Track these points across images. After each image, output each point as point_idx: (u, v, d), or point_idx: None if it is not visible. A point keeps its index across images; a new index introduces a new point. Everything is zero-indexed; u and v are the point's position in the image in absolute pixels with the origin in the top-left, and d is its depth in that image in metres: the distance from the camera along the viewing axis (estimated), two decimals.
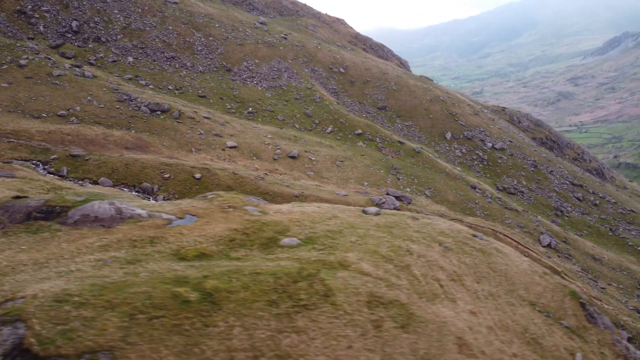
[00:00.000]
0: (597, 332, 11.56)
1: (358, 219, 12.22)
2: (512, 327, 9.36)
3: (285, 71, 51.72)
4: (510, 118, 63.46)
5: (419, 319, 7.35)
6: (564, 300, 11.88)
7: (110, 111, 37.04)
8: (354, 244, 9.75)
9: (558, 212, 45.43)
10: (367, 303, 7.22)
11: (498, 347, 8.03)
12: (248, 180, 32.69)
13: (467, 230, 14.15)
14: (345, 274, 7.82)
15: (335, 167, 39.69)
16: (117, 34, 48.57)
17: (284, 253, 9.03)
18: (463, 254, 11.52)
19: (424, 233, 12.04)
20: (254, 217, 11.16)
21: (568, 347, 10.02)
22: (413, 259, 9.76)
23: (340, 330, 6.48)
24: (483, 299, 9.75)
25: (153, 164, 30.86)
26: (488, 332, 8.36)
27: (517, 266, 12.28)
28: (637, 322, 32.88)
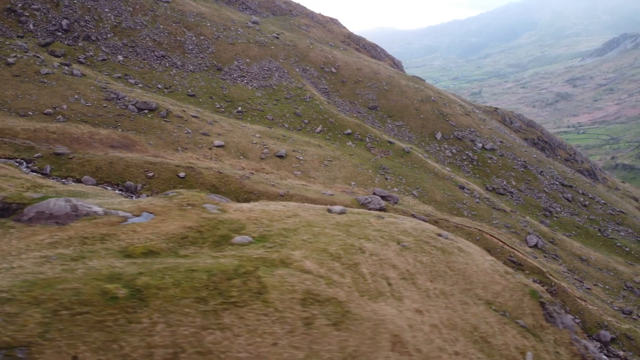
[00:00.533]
0: (554, 331, 11.57)
1: (319, 217, 12.23)
2: (461, 325, 9.37)
3: (276, 70, 51.73)
4: (502, 118, 63.49)
5: (354, 316, 7.36)
6: (522, 299, 11.90)
7: (97, 110, 37.02)
8: (305, 242, 9.76)
9: (547, 212, 45.46)
10: (302, 301, 7.23)
11: (439, 345, 8.03)
12: (233, 180, 32.71)
13: (433, 229, 14.16)
14: (285, 271, 7.82)
15: (323, 166, 39.70)
16: (107, 32, 48.55)
17: (232, 251, 9.04)
18: (421, 252, 11.53)
19: (384, 232, 12.05)
20: (211, 215, 11.16)
21: (519, 345, 10.03)
22: (364, 258, 9.76)
23: (267, 327, 6.49)
24: (434, 297, 9.76)
25: (137, 163, 30.85)
26: (431, 330, 8.37)
27: (477, 265, 12.29)
28: (621, 322, 32.92)
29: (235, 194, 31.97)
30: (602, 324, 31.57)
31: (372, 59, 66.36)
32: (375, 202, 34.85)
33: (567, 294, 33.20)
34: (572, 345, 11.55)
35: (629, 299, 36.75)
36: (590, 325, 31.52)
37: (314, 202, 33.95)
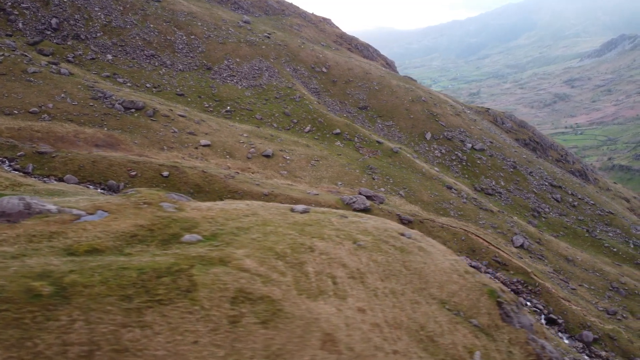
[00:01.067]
0: (510, 330, 11.58)
1: (278, 216, 12.23)
2: (407, 324, 9.38)
3: (266, 70, 51.72)
4: (494, 119, 63.54)
5: (286, 315, 7.36)
6: (479, 299, 11.90)
7: (83, 108, 37.01)
8: (253, 240, 9.76)
9: (535, 213, 45.50)
10: (232, 299, 7.23)
11: (376, 344, 8.04)
12: (217, 179, 32.72)
13: (397, 229, 14.16)
14: (221, 270, 7.83)
15: (309, 166, 39.71)
16: (97, 31, 48.53)
17: (177, 249, 9.04)
18: (377, 251, 11.53)
19: (343, 231, 12.05)
20: (166, 214, 11.16)
21: (469, 345, 10.04)
22: (312, 256, 9.77)
23: (190, 325, 6.49)
24: (382, 296, 9.77)
25: (120, 162, 30.85)
26: (371, 329, 8.37)
27: (436, 265, 12.30)
28: (605, 323, 32.96)
29: (219, 193, 31.99)
30: (585, 325, 31.62)
31: (364, 59, 66.36)
32: (360, 202, 34.87)
33: (550, 294, 33.24)
34: (527, 344, 11.56)
35: (614, 299, 36.79)
36: (573, 325, 31.58)
37: (299, 201, 33.96)
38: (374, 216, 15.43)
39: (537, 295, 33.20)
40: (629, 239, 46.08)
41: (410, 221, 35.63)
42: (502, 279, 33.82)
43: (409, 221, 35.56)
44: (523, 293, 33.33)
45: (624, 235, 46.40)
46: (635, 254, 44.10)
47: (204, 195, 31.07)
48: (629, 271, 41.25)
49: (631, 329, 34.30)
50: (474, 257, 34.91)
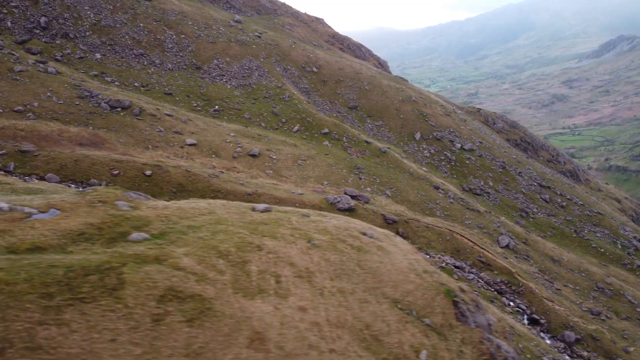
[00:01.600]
0: (464, 330, 11.56)
1: (235, 215, 12.21)
2: (351, 323, 9.37)
3: (256, 70, 51.71)
4: (485, 119, 63.57)
5: (215, 313, 7.35)
6: (435, 298, 11.89)
7: (69, 107, 36.97)
8: (199, 239, 9.75)
9: (523, 213, 45.52)
10: (160, 297, 7.22)
11: (311, 342, 8.03)
12: (201, 178, 32.72)
13: (359, 228, 14.15)
14: (154, 268, 7.82)
15: (296, 165, 39.70)
16: (86, 30, 48.49)
17: (119, 247, 9.02)
18: (332, 251, 11.52)
19: (299, 230, 12.04)
20: (120, 212, 11.14)
21: (416, 344, 10.03)
22: (258, 255, 9.76)
23: (110, 323, 6.48)
24: (328, 295, 9.76)
25: (103, 161, 30.84)
26: (309, 328, 8.37)
27: (393, 264, 12.29)
28: (588, 323, 32.98)
29: (202, 193, 31.97)
30: (568, 325, 31.64)
31: (356, 58, 66.37)
32: (345, 202, 34.88)
33: (534, 294, 33.25)
34: (481, 344, 11.54)
35: (599, 299, 36.82)
36: (555, 325, 31.60)
37: (282, 201, 33.97)
38: (339, 215, 15.44)
39: (520, 296, 33.21)
40: (617, 239, 46.11)
41: (395, 221, 35.63)
42: (486, 279, 33.86)
43: (394, 221, 35.57)
44: (506, 293, 33.35)
45: (612, 236, 46.43)
46: (622, 254, 44.14)
47: (186, 195, 31.04)
48: (615, 272, 41.29)
49: (615, 330, 34.33)
50: (458, 257, 34.93)
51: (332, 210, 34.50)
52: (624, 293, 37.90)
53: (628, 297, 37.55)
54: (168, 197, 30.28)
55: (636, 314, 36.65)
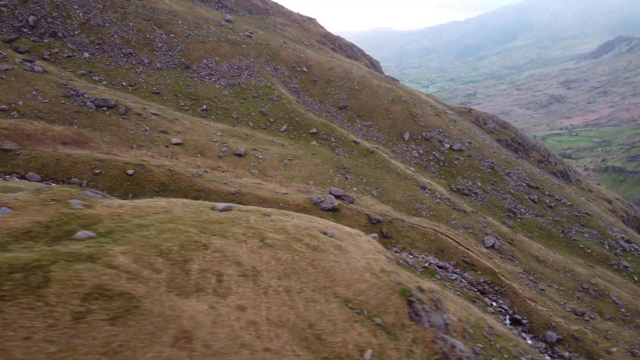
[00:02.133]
0: (417, 329, 11.56)
1: (191, 214, 12.21)
2: (293, 322, 9.37)
3: (245, 69, 51.69)
4: (476, 119, 63.58)
5: (142, 312, 7.34)
6: (389, 297, 11.89)
7: (54, 106, 36.93)
8: (144, 238, 9.74)
9: (511, 213, 45.53)
10: (86, 295, 7.21)
11: (245, 341, 8.02)
12: (184, 178, 32.69)
13: (321, 227, 14.13)
14: (85, 266, 7.81)
15: (282, 165, 39.69)
16: (74, 29, 48.45)
17: (61, 246, 9.02)
18: (285, 250, 11.51)
19: (255, 229, 12.03)
20: (71, 211, 11.13)
21: (361, 343, 10.02)
22: (203, 254, 9.75)
23: (27, 321, 6.47)
24: (273, 294, 9.75)
25: (85, 160, 30.81)
26: (244, 327, 8.36)
27: (349, 264, 12.28)
28: (571, 324, 33.00)
29: (184, 192, 31.95)
30: (550, 325, 31.65)
31: (347, 58, 66.35)
32: (328, 202, 34.88)
33: (517, 294, 33.26)
34: (434, 343, 11.54)
35: (583, 300, 36.84)
36: (538, 326, 31.62)
37: (266, 200, 33.97)
38: (304, 215, 15.43)
39: (503, 296, 33.23)
40: (605, 240, 46.14)
41: (380, 221, 35.64)
42: (469, 279, 33.87)
43: (378, 221, 35.57)
44: (489, 293, 33.37)
45: (600, 237, 46.46)
46: (609, 255, 44.17)
47: (169, 194, 31.01)
48: (601, 272, 41.32)
49: (598, 330, 34.37)
50: (442, 257, 34.93)
51: (315, 209, 34.50)
52: (608, 294, 37.93)
53: (613, 297, 37.59)
54: (150, 197, 30.25)
55: (620, 314, 36.69)
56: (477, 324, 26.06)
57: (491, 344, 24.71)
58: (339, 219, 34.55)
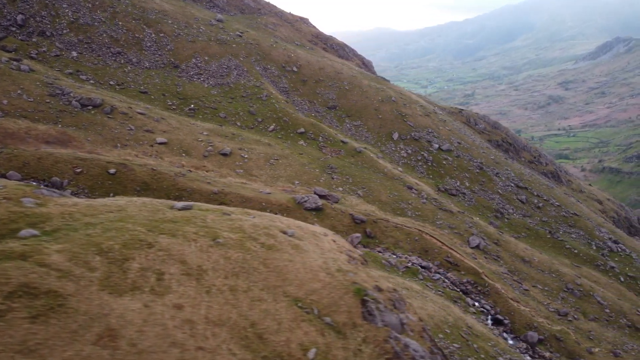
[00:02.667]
0: (369, 329, 11.53)
1: (146, 213, 12.19)
2: (235, 321, 9.35)
3: (235, 69, 51.67)
4: (467, 120, 63.58)
5: (66, 310, 7.33)
6: (343, 297, 11.86)
7: (39, 105, 36.88)
8: (87, 236, 9.73)
9: (498, 214, 45.54)
10: (9, 293, 7.19)
11: (177, 340, 8.01)
12: (166, 177, 32.66)
13: (282, 226, 14.10)
14: (14, 264, 7.80)
15: (268, 165, 39.67)
16: (63, 28, 48.40)
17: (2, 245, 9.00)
18: (237, 249, 11.49)
19: (208, 229, 12.01)
20: (21, 209, 11.11)
21: (306, 342, 10.00)
22: (146, 253, 9.73)
23: None
24: (216, 293, 9.73)
25: (67, 159, 30.78)
26: (179, 325, 8.35)
27: (303, 263, 12.26)
28: (553, 324, 33.02)
29: (166, 191, 31.93)
30: (532, 325, 31.66)
31: (338, 58, 66.34)
32: (312, 201, 34.88)
33: (499, 294, 33.27)
34: (386, 343, 11.51)
35: (567, 300, 36.86)
36: (519, 326, 31.64)
37: (249, 200, 33.96)
38: (267, 214, 15.40)
39: (486, 296, 33.24)
40: (592, 240, 46.16)
41: (364, 221, 35.63)
42: (452, 279, 33.88)
43: (362, 221, 35.56)
44: (472, 293, 33.38)
45: (587, 237, 46.48)
46: (596, 255, 44.20)
47: (150, 193, 31.00)
48: (587, 272, 41.34)
49: (581, 330, 34.40)
50: (426, 257, 34.94)
51: (299, 209, 34.49)
52: (593, 294, 37.95)
53: (597, 298, 37.61)
54: (132, 196, 30.21)
55: (604, 314, 36.72)
56: (455, 324, 26.09)
57: (468, 343, 24.74)
58: (322, 219, 34.56)
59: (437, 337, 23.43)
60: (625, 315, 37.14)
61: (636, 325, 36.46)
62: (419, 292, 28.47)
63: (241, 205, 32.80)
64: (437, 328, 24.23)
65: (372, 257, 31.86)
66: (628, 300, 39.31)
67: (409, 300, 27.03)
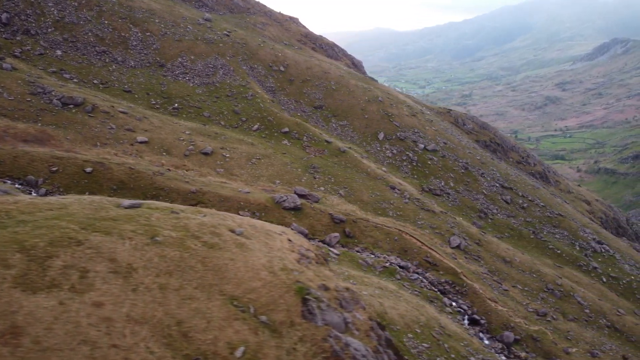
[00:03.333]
0: (307, 328, 11.51)
1: (87, 211, 12.14)
2: (159, 319, 9.32)
3: (221, 68, 51.63)
4: (455, 120, 63.56)
5: None
6: (283, 296, 11.84)
7: (19, 104, 36.82)
8: (13, 233, 9.70)
9: (482, 214, 45.55)
10: None
11: (89, 338, 7.98)
12: (144, 176, 32.61)
13: (233, 225, 14.06)
14: None
15: (249, 164, 39.65)
16: (48, 27, 48.33)
17: None
18: (176, 247, 11.46)
19: (149, 227, 11.97)
20: None
21: (235, 341, 9.98)
22: (72, 250, 9.71)
23: None
24: (143, 291, 9.71)
25: (43, 157, 30.73)
26: (95, 323, 8.32)
27: (246, 262, 12.23)
28: (531, 324, 33.02)
29: (144, 190, 31.89)
30: (508, 325, 31.66)
31: (327, 58, 66.30)
32: (291, 201, 34.86)
33: (477, 294, 33.26)
34: (324, 342, 11.50)
35: (547, 300, 36.86)
36: (496, 326, 31.62)
37: (227, 199, 33.93)
38: (223, 213, 15.35)
39: (463, 296, 33.22)
40: (576, 240, 46.19)
41: (343, 220, 35.62)
42: (430, 279, 33.87)
43: (341, 220, 35.55)
44: (450, 293, 33.37)
45: (571, 237, 46.50)
46: (579, 255, 44.22)
47: (127, 192, 30.97)
48: (569, 273, 41.36)
49: (559, 330, 34.39)
50: (405, 256, 34.94)
51: (277, 209, 34.48)
52: (574, 294, 37.97)
53: (578, 298, 37.63)
54: (107, 195, 30.19)
55: (584, 315, 36.74)
56: (427, 323, 26.05)
57: (439, 343, 24.72)
58: (300, 218, 34.55)
59: (405, 336, 23.42)
60: (606, 315, 37.17)
61: (616, 326, 36.49)
62: (394, 292, 28.43)
63: (219, 205, 32.79)
64: (407, 328, 24.19)
65: (349, 257, 31.87)
66: (609, 301, 39.34)
67: (381, 300, 27.04)
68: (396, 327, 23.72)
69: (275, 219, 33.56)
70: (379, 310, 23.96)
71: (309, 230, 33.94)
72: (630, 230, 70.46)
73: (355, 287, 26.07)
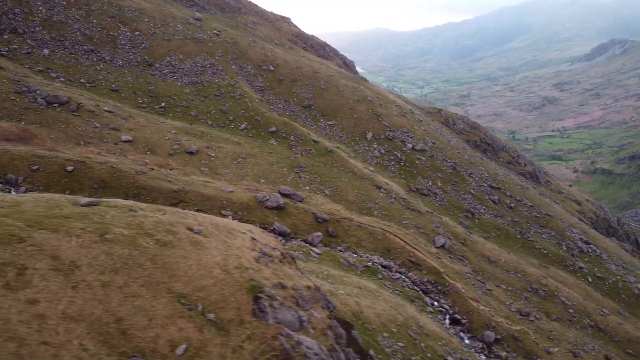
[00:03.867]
0: (257, 326, 11.49)
1: (40, 208, 12.10)
2: (97, 317, 9.31)
3: (209, 67, 51.61)
4: (445, 120, 63.58)
5: None
6: (234, 294, 11.83)
7: (3, 102, 36.76)
8: None
9: (469, 214, 45.55)
10: None
11: (17, 335, 7.97)
12: (126, 175, 32.56)
13: (192, 223, 14.03)
14: None
15: (235, 163, 39.62)
16: (36, 25, 48.30)
17: None
18: (126, 245, 11.43)
19: (100, 224, 11.95)
20: None
21: (177, 338, 9.97)
22: (12, 247, 9.68)
23: None
24: (83, 289, 9.69)
25: (24, 156, 30.68)
26: (27, 320, 8.31)
27: (199, 260, 12.21)
28: (513, 324, 33.02)
29: (125, 189, 31.83)
30: (489, 325, 31.66)
31: (317, 57, 66.29)
32: (274, 200, 34.83)
33: (459, 294, 33.26)
34: (275, 340, 11.50)
35: (531, 300, 36.87)
36: (477, 325, 31.62)
37: (210, 198, 33.91)
38: (184, 211, 15.31)
39: (445, 296, 33.21)
40: (563, 240, 46.19)
41: (326, 220, 35.60)
42: (413, 278, 33.86)
43: (325, 220, 35.53)
44: (432, 293, 33.36)
45: (558, 237, 46.51)
46: (565, 255, 44.24)
47: (108, 191, 30.93)
48: (555, 273, 41.37)
49: (542, 330, 34.39)
50: (388, 256, 34.92)
51: (260, 208, 34.46)
52: (558, 294, 37.97)
53: (562, 298, 37.64)
54: (87, 194, 30.18)
55: (567, 315, 36.75)
56: (405, 323, 26.03)
57: (415, 342, 24.70)
58: (283, 218, 34.53)
59: (380, 335, 23.40)
60: (589, 315, 37.19)
61: (599, 326, 36.51)
62: (373, 291, 28.41)
63: (201, 204, 32.78)
64: (383, 327, 24.16)
65: (330, 256, 31.85)
66: (594, 301, 39.36)
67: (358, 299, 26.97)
68: (371, 326, 23.68)
69: (257, 218, 33.58)
70: (355, 310, 23.93)
71: (292, 230, 33.93)
72: (621, 230, 70.47)
73: (332, 286, 26.10)
